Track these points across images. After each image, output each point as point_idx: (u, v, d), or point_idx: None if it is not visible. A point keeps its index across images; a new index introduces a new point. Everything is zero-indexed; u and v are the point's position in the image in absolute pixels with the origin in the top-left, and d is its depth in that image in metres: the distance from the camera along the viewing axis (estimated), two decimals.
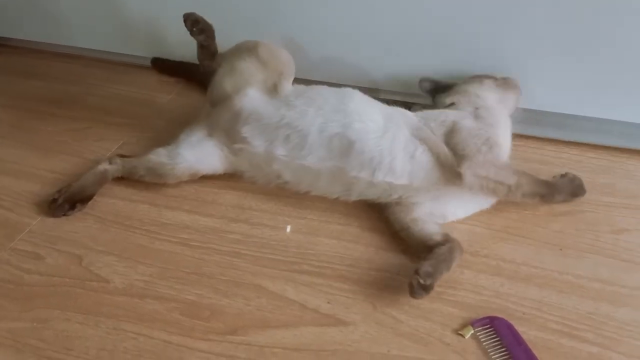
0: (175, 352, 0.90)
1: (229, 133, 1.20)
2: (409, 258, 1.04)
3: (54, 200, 1.17)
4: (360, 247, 1.08)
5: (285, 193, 1.19)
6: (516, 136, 1.33)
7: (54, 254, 1.09)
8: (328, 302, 0.97)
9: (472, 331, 0.91)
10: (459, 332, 0.91)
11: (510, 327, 0.91)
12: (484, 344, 0.89)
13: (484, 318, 0.93)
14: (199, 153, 1.20)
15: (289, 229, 1.13)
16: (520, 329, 0.91)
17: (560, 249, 1.06)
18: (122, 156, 1.24)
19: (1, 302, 1.00)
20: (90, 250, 1.09)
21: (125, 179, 1.23)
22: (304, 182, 1.15)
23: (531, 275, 1.01)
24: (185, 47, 1.64)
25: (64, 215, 1.16)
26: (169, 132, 1.31)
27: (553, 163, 1.27)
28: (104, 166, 1.22)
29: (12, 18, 1.81)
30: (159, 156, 1.20)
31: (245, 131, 1.16)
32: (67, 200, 1.16)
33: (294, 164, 1.12)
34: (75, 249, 1.10)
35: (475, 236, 1.09)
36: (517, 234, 1.09)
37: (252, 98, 1.20)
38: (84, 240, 1.11)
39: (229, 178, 1.23)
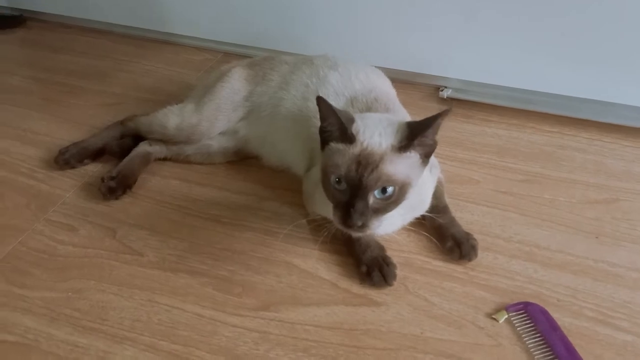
0: (208, 325, 0.91)
1: None
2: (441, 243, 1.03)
3: (110, 189, 1.14)
4: None
5: None
6: (552, 123, 1.32)
7: (87, 226, 1.10)
8: (360, 282, 0.97)
9: (506, 316, 0.90)
10: (493, 316, 0.91)
11: (545, 313, 0.90)
12: (518, 328, 0.89)
13: (518, 303, 0.92)
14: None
15: None
16: (554, 315, 0.90)
17: (596, 237, 1.04)
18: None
19: (35, 271, 1.01)
20: (123, 224, 1.10)
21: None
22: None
23: (566, 262, 1.00)
24: (214, 24, 1.66)
25: (116, 199, 1.15)
26: None
27: (587, 150, 1.26)
28: (146, 148, 1.22)
29: None
30: (203, 138, 1.21)
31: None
32: (120, 185, 1.15)
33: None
34: (109, 222, 1.11)
35: (509, 221, 1.08)
36: (551, 221, 1.08)
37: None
38: (117, 214, 1.12)
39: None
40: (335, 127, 0.86)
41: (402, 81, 1.44)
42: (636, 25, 1.20)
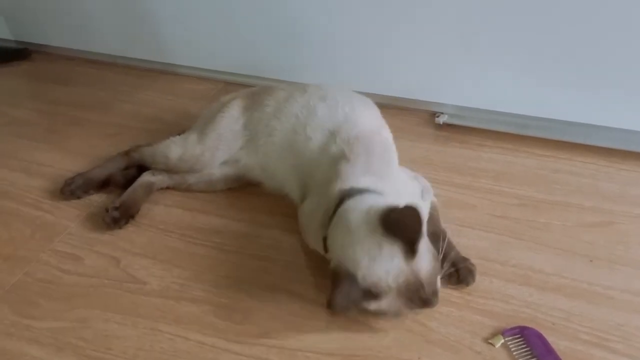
0: (210, 353, 0.93)
1: None
2: None
3: (114, 219, 1.17)
4: None
5: None
6: (546, 147, 1.35)
7: (92, 255, 1.12)
8: None
9: (503, 340, 0.92)
10: (489, 340, 0.92)
11: (540, 337, 0.91)
12: (515, 353, 0.90)
13: (514, 327, 0.93)
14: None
15: None
16: (550, 339, 0.91)
17: (591, 260, 1.06)
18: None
19: (42, 302, 1.04)
20: (127, 253, 1.12)
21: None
22: None
23: (561, 285, 1.02)
24: (214, 54, 1.70)
25: (119, 228, 1.17)
26: None
27: (581, 174, 1.28)
28: (149, 178, 1.25)
29: (47, 26, 1.87)
30: (206, 167, 1.24)
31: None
32: (123, 215, 1.18)
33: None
34: (113, 251, 1.13)
35: (504, 245, 1.10)
36: (546, 244, 1.10)
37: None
38: (121, 243, 1.15)
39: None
40: None
41: (398, 107, 1.49)
42: (629, 48, 1.24)
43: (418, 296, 0.87)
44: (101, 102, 1.66)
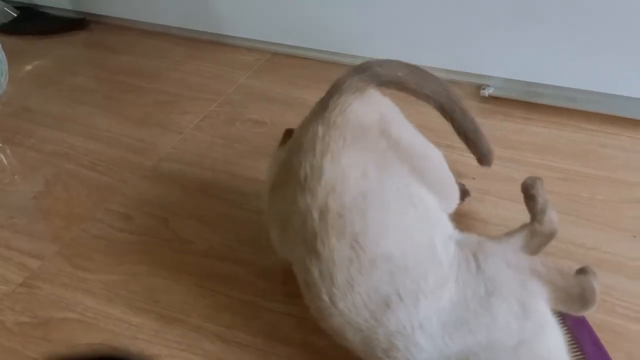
0: (249, 309, 0.98)
1: None
2: None
3: None
4: None
5: None
6: (594, 121, 1.32)
7: (143, 215, 1.19)
8: None
9: None
10: None
11: None
12: None
13: None
14: None
15: None
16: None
17: (634, 236, 1.04)
18: None
19: (96, 256, 1.11)
20: (175, 215, 1.18)
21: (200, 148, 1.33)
22: None
23: (601, 260, 1.00)
24: (262, 25, 1.72)
25: None
26: (247, 107, 1.46)
27: (630, 149, 1.24)
28: None
29: None
30: None
31: None
32: None
33: None
34: (162, 212, 1.19)
35: None
36: (588, 219, 1.08)
37: None
38: (170, 205, 1.21)
39: None
40: None
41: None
42: None
43: None
44: (155, 71, 1.72)
